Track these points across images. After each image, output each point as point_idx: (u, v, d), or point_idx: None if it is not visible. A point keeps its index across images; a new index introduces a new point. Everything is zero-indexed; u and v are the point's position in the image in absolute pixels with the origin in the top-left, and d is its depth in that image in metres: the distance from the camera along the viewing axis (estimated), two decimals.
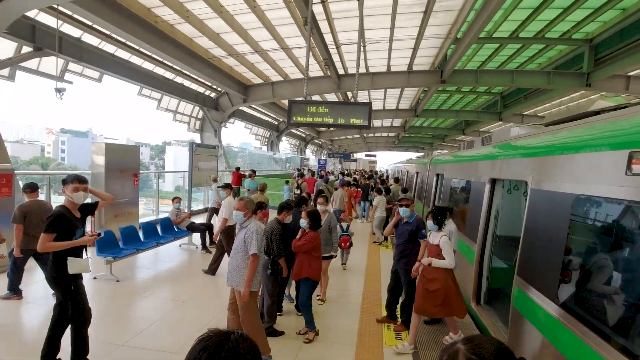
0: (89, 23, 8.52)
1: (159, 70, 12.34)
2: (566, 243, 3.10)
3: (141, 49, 10.27)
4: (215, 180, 10.57)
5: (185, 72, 12.25)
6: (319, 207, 5.47)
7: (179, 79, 13.36)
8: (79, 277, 3.53)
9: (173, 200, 8.06)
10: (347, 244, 6.88)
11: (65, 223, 3.36)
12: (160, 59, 11.09)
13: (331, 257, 5.75)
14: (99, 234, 3.78)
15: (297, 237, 4.48)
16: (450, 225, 5.14)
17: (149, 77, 12.00)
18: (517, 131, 5.49)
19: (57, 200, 8.86)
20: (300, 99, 20.62)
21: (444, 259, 4.21)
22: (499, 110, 19.05)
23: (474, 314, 5.43)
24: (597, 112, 3.45)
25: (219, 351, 1.02)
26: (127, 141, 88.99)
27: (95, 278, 6.07)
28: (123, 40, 9.63)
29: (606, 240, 2.74)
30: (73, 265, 3.38)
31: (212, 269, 6.60)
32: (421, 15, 9.34)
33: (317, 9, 8.61)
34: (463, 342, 1.12)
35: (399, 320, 5.07)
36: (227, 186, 7.51)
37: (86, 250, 3.62)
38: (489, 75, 13.49)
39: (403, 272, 4.91)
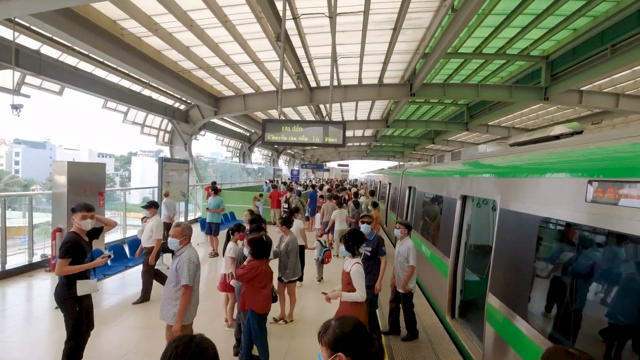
0: (49, 35, 8.11)
1: (125, 83, 11.91)
2: (533, 263, 3.24)
3: (106, 62, 9.89)
4: (167, 195, 10.24)
5: (153, 84, 11.89)
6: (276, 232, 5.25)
7: (146, 92, 12.95)
8: (86, 298, 3.75)
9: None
10: (329, 259, 6.84)
11: (78, 248, 3.65)
12: (127, 72, 10.72)
13: (296, 280, 5.64)
14: (110, 256, 3.96)
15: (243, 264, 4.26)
16: (407, 241, 5.16)
17: (114, 90, 11.55)
18: (484, 148, 5.72)
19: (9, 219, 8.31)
20: (275, 117, 20.53)
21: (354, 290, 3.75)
22: (465, 120, 19.86)
23: (448, 328, 5.54)
24: (557, 137, 3.66)
25: (189, 345, 1.40)
26: (89, 152, 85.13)
27: (56, 308, 5.68)
28: (86, 53, 9.23)
29: (570, 263, 2.89)
30: (82, 287, 3.64)
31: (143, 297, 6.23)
32: (391, 32, 9.62)
33: (289, 24, 8.66)
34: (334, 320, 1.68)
35: None
36: (151, 205, 6.84)
37: (94, 272, 3.99)
38: (456, 89, 14.07)
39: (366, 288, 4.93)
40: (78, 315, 3.65)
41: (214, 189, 10.78)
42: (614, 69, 9.79)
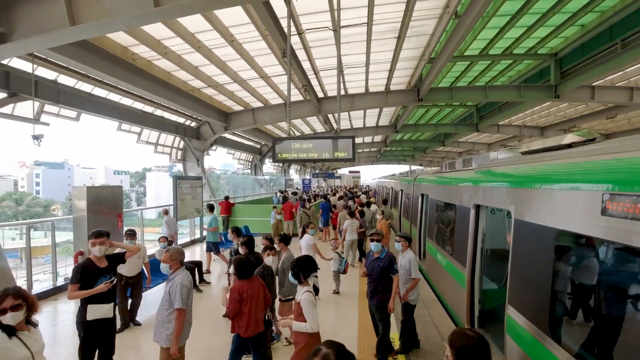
0: (65, 65, 8.44)
1: (138, 105, 12.24)
2: (551, 276, 3.21)
3: (119, 86, 10.20)
4: (166, 213, 10.34)
5: (164, 104, 12.19)
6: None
7: (158, 112, 13.27)
8: (103, 323, 3.82)
9: (159, 239, 7.87)
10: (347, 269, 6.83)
11: (86, 274, 3.78)
12: (139, 94, 11.03)
13: (292, 299, 5.39)
14: (112, 281, 3.95)
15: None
16: (408, 253, 5.08)
17: (127, 113, 11.89)
18: (495, 155, 5.69)
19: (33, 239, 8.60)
20: (284, 128, 20.60)
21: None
22: (475, 122, 19.66)
23: None
24: (569, 145, 3.63)
25: None
26: (105, 170, 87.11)
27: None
28: (100, 79, 9.55)
29: (588, 276, 2.85)
30: (93, 312, 3.75)
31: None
32: (395, 40, 9.66)
33: (294, 39, 8.79)
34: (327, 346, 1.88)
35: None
36: (130, 234, 6.30)
37: (116, 296, 4.12)
38: (463, 92, 13.98)
39: (376, 308, 4.79)
40: (83, 341, 3.78)
41: (209, 207, 10.64)
42: (625, 64, 9.61)
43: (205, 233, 10.13)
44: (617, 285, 2.52)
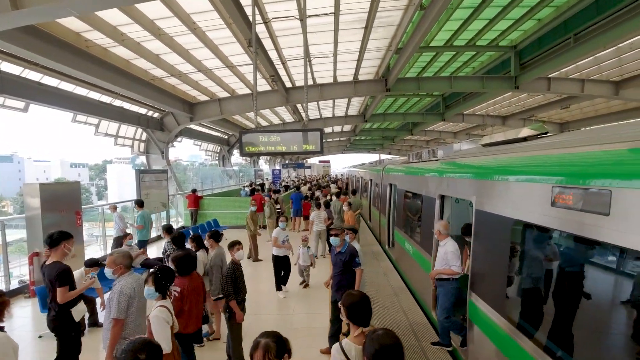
0: (8, 51, 7.76)
1: (94, 95, 11.52)
2: (509, 263, 3.38)
3: (71, 75, 9.54)
4: (115, 209, 9.87)
5: (124, 94, 11.54)
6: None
7: (117, 102, 12.56)
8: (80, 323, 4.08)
9: (124, 237, 7.54)
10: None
11: (71, 275, 3.97)
12: (95, 83, 10.37)
13: (222, 298, 5.24)
14: (93, 277, 4.27)
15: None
16: (355, 244, 5.15)
17: (82, 103, 11.16)
18: (459, 147, 5.86)
19: None
20: (252, 119, 20.14)
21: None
22: (441, 111, 20.19)
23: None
24: (525, 139, 3.79)
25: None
26: (60, 163, 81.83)
27: (40, 337, 5.54)
28: (50, 67, 8.88)
29: (541, 263, 3.02)
30: (77, 313, 3.94)
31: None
32: (362, 31, 9.64)
33: (260, 28, 8.56)
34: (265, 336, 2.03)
35: None
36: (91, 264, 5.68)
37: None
38: (430, 82, 14.27)
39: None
40: (74, 340, 3.95)
41: (138, 202, 9.87)
42: (578, 57, 10.14)
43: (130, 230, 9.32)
44: (567, 272, 2.68)
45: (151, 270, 3.39)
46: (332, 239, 4.88)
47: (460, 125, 26.45)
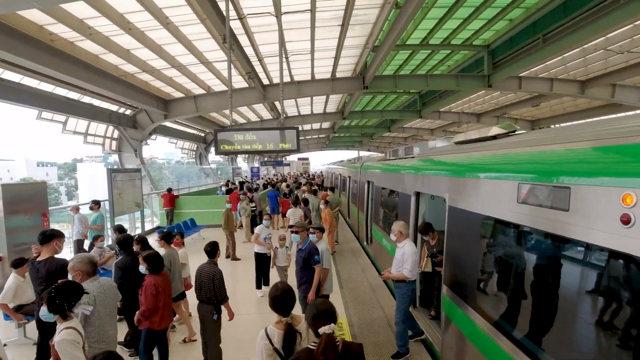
0: None
1: (61, 91, 10.99)
2: (479, 258, 3.47)
3: (35, 70, 9.07)
4: (77, 210, 9.40)
5: (93, 90, 11.08)
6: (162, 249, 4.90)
7: (86, 99, 12.05)
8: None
9: (96, 239, 7.26)
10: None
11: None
12: (61, 79, 9.91)
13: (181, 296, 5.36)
14: None
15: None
16: (322, 243, 5.08)
17: (48, 99, 10.62)
18: (434, 144, 5.97)
19: None
20: (224, 123, 19.79)
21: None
22: (418, 108, 20.51)
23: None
24: (495, 137, 3.89)
25: None
26: (26, 162, 77.80)
27: (5, 345, 5.26)
28: (11, 61, 8.40)
29: (509, 258, 3.12)
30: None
31: None
32: (339, 28, 9.64)
33: (235, 24, 8.41)
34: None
35: None
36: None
37: None
38: (406, 80, 14.46)
39: (301, 300, 4.72)
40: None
41: (95, 202, 9.51)
42: (546, 57, 10.50)
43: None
44: (533, 267, 2.77)
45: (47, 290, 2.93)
46: (293, 235, 4.87)
47: (437, 122, 26.97)
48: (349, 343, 2.28)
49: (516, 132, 3.82)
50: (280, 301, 2.58)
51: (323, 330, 2.14)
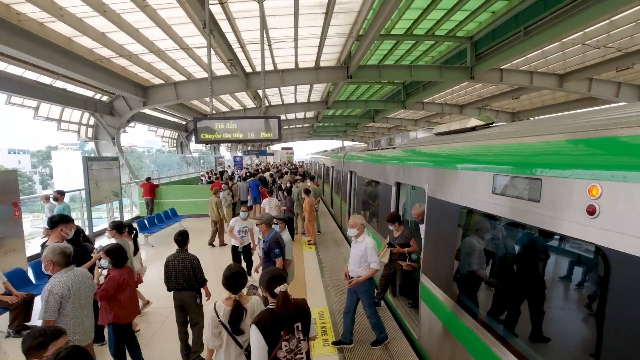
0: None
1: (31, 75, 10.49)
2: (456, 248, 3.54)
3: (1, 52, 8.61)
4: (47, 199, 9.12)
5: (66, 75, 10.61)
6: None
7: (59, 83, 11.55)
8: None
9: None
10: None
11: None
12: (31, 62, 9.43)
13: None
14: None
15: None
16: (284, 235, 5.16)
17: (17, 84, 10.10)
18: (415, 135, 6.00)
19: None
20: (206, 111, 19.30)
21: None
22: (402, 99, 20.58)
23: (391, 305, 5.91)
24: (473, 129, 3.93)
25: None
26: None
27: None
28: None
29: (485, 247, 3.19)
30: None
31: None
32: (323, 16, 9.50)
33: (216, 8, 8.17)
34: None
35: None
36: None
37: None
38: (391, 70, 14.45)
39: None
40: None
41: (59, 193, 9.03)
42: (527, 50, 10.67)
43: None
44: (509, 256, 2.85)
45: None
46: (256, 227, 4.93)
47: (420, 113, 27.19)
48: (296, 299, 2.66)
49: (494, 125, 3.87)
50: (231, 280, 2.87)
51: (279, 289, 2.51)
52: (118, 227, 5.22)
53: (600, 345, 1.87)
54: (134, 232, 5.76)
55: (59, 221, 4.30)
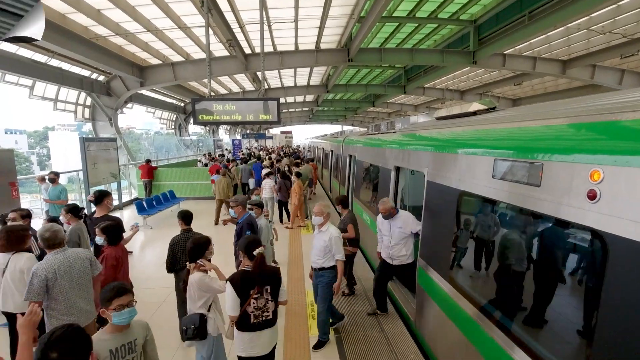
0: None
1: (26, 52, 10.28)
2: (454, 232, 3.55)
3: None
4: (43, 180, 8.68)
5: (61, 53, 10.39)
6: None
7: (54, 62, 11.33)
8: None
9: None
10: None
11: None
12: None
13: None
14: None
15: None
16: (261, 220, 5.18)
17: (11, 61, 9.88)
18: (415, 119, 5.94)
19: None
20: (204, 93, 19.04)
21: None
22: (403, 83, 20.35)
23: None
24: (475, 113, 3.89)
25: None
26: None
27: None
28: None
29: (484, 232, 3.20)
30: None
31: None
32: None
33: None
34: None
35: None
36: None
37: None
38: (392, 54, 14.21)
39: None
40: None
41: (55, 174, 8.68)
42: (531, 34, 10.50)
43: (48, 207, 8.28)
44: (508, 240, 2.86)
45: None
46: (231, 210, 4.95)
47: (421, 98, 26.93)
48: (271, 266, 3.08)
49: (495, 109, 3.83)
50: (193, 252, 3.27)
51: (257, 251, 2.90)
52: (73, 211, 4.93)
53: (595, 328, 1.90)
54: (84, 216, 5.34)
55: (102, 195, 4.82)
